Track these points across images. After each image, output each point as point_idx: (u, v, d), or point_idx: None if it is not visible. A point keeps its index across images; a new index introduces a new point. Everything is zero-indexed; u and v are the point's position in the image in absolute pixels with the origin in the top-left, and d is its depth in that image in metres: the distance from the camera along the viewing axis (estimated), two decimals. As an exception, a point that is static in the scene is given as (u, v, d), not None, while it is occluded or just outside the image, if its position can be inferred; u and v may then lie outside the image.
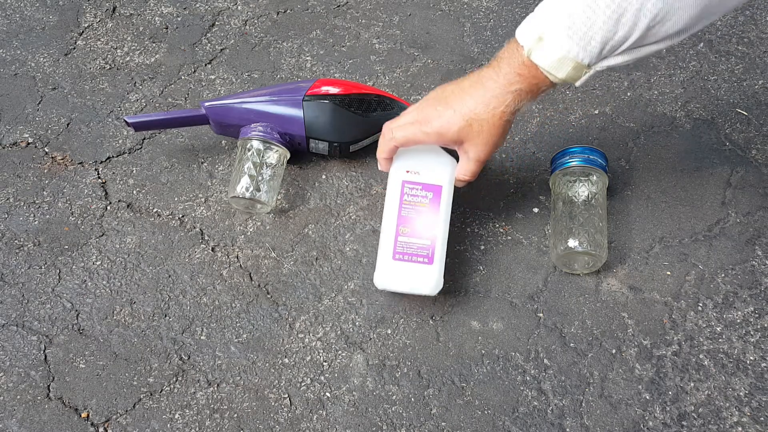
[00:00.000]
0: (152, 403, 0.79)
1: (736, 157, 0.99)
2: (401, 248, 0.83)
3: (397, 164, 0.85)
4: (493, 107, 0.77)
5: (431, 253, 0.83)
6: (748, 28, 1.16)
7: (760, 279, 0.87)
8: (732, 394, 0.78)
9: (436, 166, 0.85)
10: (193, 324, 0.85)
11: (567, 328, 0.84)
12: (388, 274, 0.83)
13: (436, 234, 0.83)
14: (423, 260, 0.83)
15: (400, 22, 1.20)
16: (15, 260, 0.91)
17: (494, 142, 0.80)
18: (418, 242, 0.83)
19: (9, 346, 0.83)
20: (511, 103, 0.77)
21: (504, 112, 0.77)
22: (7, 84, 1.12)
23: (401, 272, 0.82)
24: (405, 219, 0.84)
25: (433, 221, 0.84)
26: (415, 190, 0.84)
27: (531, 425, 0.77)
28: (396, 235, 0.83)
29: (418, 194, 0.84)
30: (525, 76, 0.75)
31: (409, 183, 0.85)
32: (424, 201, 0.84)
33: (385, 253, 0.83)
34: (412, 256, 0.83)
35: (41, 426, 0.77)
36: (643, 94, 1.08)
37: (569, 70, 0.72)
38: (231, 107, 0.96)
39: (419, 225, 0.84)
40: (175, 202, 0.97)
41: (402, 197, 0.84)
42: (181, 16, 1.22)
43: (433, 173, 0.85)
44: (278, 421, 0.78)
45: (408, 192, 0.84)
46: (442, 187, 0.84)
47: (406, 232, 0.83)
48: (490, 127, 0.78)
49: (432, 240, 0.83)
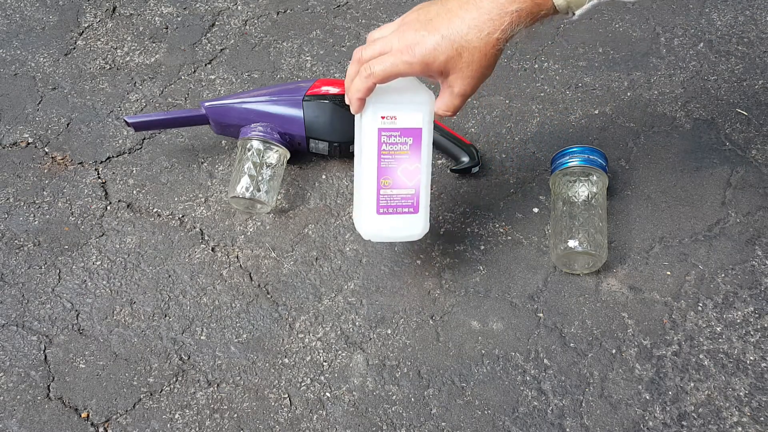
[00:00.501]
0: (152, 403, 0.79)
1: (736, 157, 0.99)
2: (385, 201, 0.80)
3: (371, 109, 0.77)
4: (487, 32, 0.68)
5: (416, 201, 0.81)
6: (748, 28, 1.16)
7: (760, 279, 0.87)
8: (732, 394, 0.78)
9: (413, 108, 0.77)
10: (193, 324, 0.85)
11: (567, 328, 0.84)
12: (374, 227, 0.82)
13: (420, 180, 0.80)
14: (408, 210, 0.81)
15: (400, 22, 1.20)
16: (15, 260, 0.91)
17: (483, 74, 0.71)
18: (401, 193, 0.80)
19: (9, 346, 0.83)
20: (507, 28, 0.68)
21: (498, 39, 0.68)
22: (7, 84, 1.12)
23: (387, 224, 0.81)
24: (385, 170, 0.79)
25: (414, 168, 0.79)
26: (393, 137, 0.77)
27: (531, 425, 0.77)
28: (378, 188, 0.79)
29: (396, 141, 0.78)
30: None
31: (386, 131, 0.77)
32: (404, 148, 0.78)
33: (367, 205, 0.80)
34: (396, 208, 0.80)
35: (41, 426, 0.77)
36: (643, 94, 1.08)
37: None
38: (231, 107, 0.96)
39: (401, 174, 0.79)
40: (175, 202, 0.97)
41: (380, 147, 0.78)
42: (181, 16, 1.22)
43: (410, 116, 0.77)
44: (278, 421, 0.78)
45: (386, 141, 0.77)
46: (421, 129, 0.78)
47: (388, 183, 0.79)
48: (481, 57, 0.69)
49: (415, 188, 0.80)
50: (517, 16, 0.68)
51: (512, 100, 1.08)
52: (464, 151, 0.97)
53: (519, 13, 0.67)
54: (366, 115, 0.77)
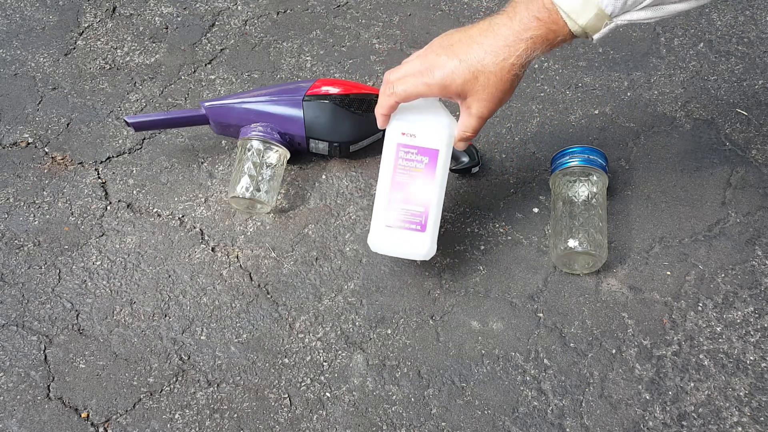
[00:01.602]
0: (152, 403, 0.79)
1: (736, 157, 0.99)
2: (394, 214, 0.82)
3: (394, 124, 0.82)
4: (502, 58, 0.72)
5: (424, 220, 0.81)
6: (748, 28, 1.16)
7: (760, 279, 0.87)
8: (732, 394, 0.78)
9: (433, 128, 0.81)
10: (193, 324, 0.85)
11: (567, 328, 0.84)
12: (382, 239, 0.82)
13: (430, 200, 0.81)
14: (416, 227, 0.82)
15: (400, 22, 1.20)
16: (15, 260, 0.91)
17: (500, 97, 0.76)
18: (411, 209, 0.81)
19: (9, 346, 0.83)
20: (523, 54, 0.72)
21: (513, 64, 0.73)
22: (7, 84, 1.12)
23: (394, 238, 0.82)
24: (399, 184, 0.81)
25: (427, 187, 0.81)
26: (411, 154, 0.81)
27: (531, 425, 0.77)
28: (389, 201, 0.82)
29: (413, 159, 0.81)
30: (544, 21, 0.71)
31: (404, 146, 0.81)
32: (419, 166, 0.81)
33: (378, 218, 0.82)
34: (404, 223, 0.81)
35: (41, 426, 0.77)
36: (643, 94, 1.08)
37: (591, 16, 0.70)
38: (231, 107, 0.96)
39: (413, 191, 0.81)
40: (175, 202, 0.97)
41: (396, 161, 0.81)
42: (181, 16, 1.22)
43: (429, 136, 0.81)
44: (278, 421, 0.78)
45: (403, 156, 0.81)
46: (438, 151, 0.81)
47: (400, 198, 0.81)
48: (496, 81, 0.74)
49: (425, 206, 0.81)
50: (532, 43, 0.72)
51: (512, 100, 1.08)
52: (464, 151, 0.97)
53: (534, 39, 0.71)
54: (389, 130, 0.82)
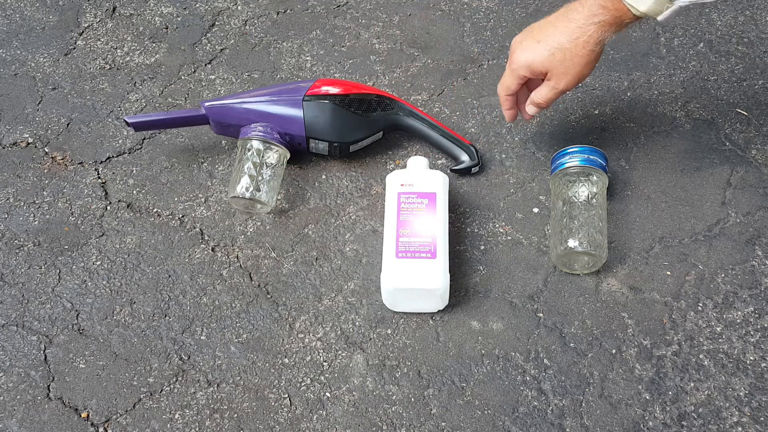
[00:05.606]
0: (152, 403, 0.79)
1: (736, 157, 0.99)
2: (403, 247, 0.84)
3: (393, 179, 0.90)
4: (575, 37, 0.81)
5: (433, 248, 0.83)
6: (748, 28, 1.16)
7: (760, 279, 0.87)
8: (732, 394, 0.78)
9: (428, 176, 0.90)
10: (193, 324, 0.85)
11: (567, 328, 0.84)
12: (394, 272, 0.82)
13: (436, 232, 0.84)
14: (426, 255, 0.83)
15: (400, 22, 1.20)
16: (15, 260, 0.91)
17: (577, 71, 0.84)
18: (419, 240, 0.84)
19: (9, 346, 0.83)
20: (594, 34, 0.80)
21: (587, 42, 0.81)
22: (7, 84, 1.12)
23: (406, 269, 0.82)
24: (404, 222, 0.85)
25: (431, 222, 0.85)
26: (411, 198, 0.88)
27: (531, 425, 0.77)
28: (397, 237, 0.84)
29: (414, 201, 0.87)
30: (608, 9, 0.79)
31: (405, 194, 0.88)
32: (420, 206, 0.87)
33: (388, 255, 0.84)
34: (414, 252, 0.83)
35: (41, 426, 0.77)
36: (643, 94, 1.08)
37: (651, 3, 0.76)
38: (231, 107, 0.96)
39: (418, 226, 0.85)
40: (175, 202, 0.97)
41: (399, 205, 0.87)
42: (181, 16, 1.22)
43: (426, 182, 0.89)
44: (278, 421, 0.78)
45: (404, 200, 0.87)
46: (436, 193, 0.88)
47: (406, 233, 0.85)
48: (572, 56, 0.82)
49: (432, 237, 0.84)
50: (601, 26, 0.80)
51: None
52: (464, 151, 0.97)
53: (602, 23, 0.80)
54: (389, 185, 0.90)
